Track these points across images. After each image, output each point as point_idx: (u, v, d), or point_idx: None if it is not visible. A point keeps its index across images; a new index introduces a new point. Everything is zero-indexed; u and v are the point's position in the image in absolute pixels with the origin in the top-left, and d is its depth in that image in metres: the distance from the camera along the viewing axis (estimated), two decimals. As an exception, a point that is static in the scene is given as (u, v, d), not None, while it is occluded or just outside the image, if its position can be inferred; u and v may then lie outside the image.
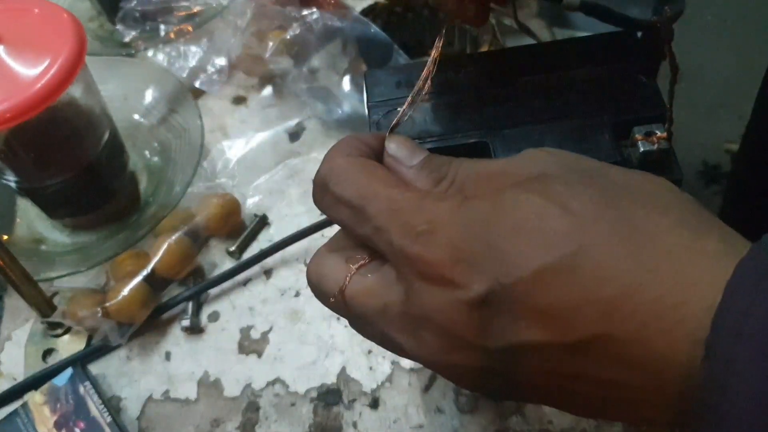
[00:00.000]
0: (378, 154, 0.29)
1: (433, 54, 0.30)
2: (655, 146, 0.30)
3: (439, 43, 0.31)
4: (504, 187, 0.24)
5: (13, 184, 0.48)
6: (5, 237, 0.52)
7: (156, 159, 0.56)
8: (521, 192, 0.23)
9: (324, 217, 0.51)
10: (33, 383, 0.45)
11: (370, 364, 0.45)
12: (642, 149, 0.30)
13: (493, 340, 0.23)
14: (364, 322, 0.27)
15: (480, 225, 0.23)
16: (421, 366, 0.44)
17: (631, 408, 0.22)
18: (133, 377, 0.46)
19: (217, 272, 0.49)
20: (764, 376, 0.18)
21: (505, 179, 0.25)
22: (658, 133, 0.30)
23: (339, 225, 0.28)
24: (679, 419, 0.21)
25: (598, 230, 0.21)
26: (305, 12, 0.55)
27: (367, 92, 0.35)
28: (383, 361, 0.45)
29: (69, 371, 0.44)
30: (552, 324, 0.21)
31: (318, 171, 0.29)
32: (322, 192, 0.28)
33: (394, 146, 0.29)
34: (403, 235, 0.24)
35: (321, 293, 0.28)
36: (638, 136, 0.30)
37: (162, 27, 0.62)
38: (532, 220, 0.22)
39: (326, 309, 0.48)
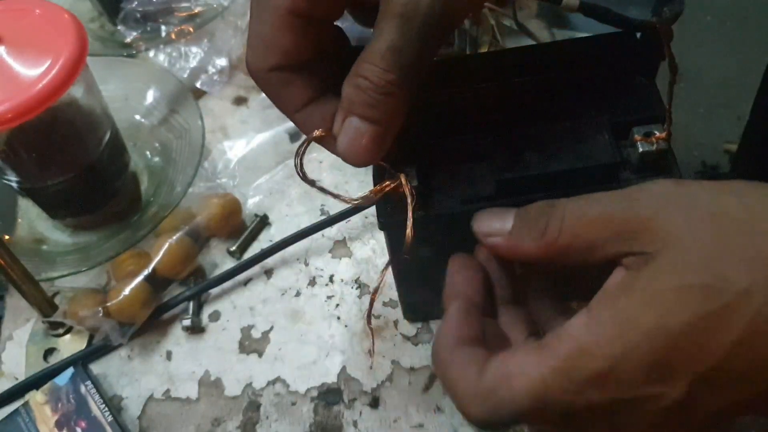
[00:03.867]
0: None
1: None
2: (654, 146, 0.30)
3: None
4: (643, 275, 0.23)
5: (14, 184, 0.48)
6: (7, 237, 0.52)
7: (157, 159, 0.56)
8: (670, 274, 0.23)
9: (324, 217, 0.51)
10: (34, 383, 0.45)
11: (370, 363, 0.45)
12: (641, 149, 0.30)
13: (702, 414, 0.23)
14: None
15: (654, 331, 0.22)
16: (420, 365, 0.44)
17: None
18: (134, 377, 0.46)
19: (217, 272, 0.50)
20: None
21: (623, 226, 0.24)
22: (657, 134, 0.30)
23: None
24: None
25: (755, 282, 0.22)
26: (306, 13, 0.55)
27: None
28: (383, 360, 0.45)
29: (70, 371, 0.44)
30: (758, 380, 0.22)
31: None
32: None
33: (483, 225, 0.28)
34: (595, 406, 0.23)
35: None
36: (637, 137, 0.30)
37: (163, 28, 0.62)
38: (700, 302, 0.22)
39: (326, 309, 0.48)
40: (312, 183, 0.30)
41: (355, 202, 0.31)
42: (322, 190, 0.31)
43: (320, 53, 0.29)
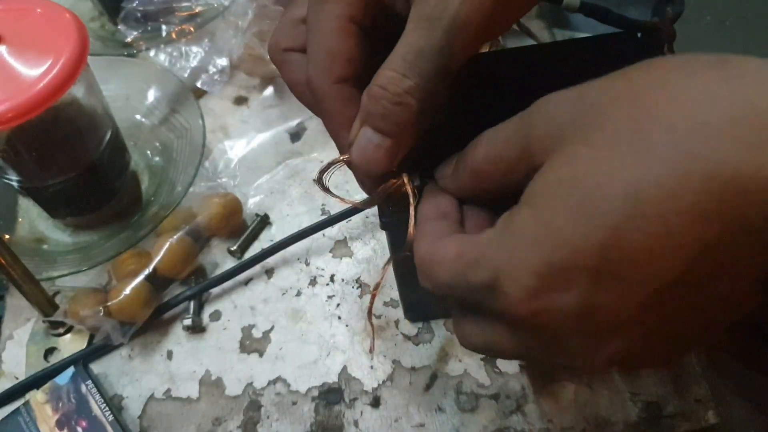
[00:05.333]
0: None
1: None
2: None
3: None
4: (544, 176, 0.22)
5: (15, 184, 0.48)
6: (7, 236, 0.52)
7: (158, 159, 0.56)
8: (577, 163, 0.21)
9: (325, 216, 0.51)
10: (35, 382, 0.45)
11: (371, 363, 0.45)
12: None
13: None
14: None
15: (535, 237, 0.21)
16: (421, 365, 0.44)
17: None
18: (135, 376, 0.46)
19: (218, 272, 0.50)
20: None
21: (524, 140, 0.24)
22: None
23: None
24: None
25: (663, 156, 0.19)
26: (306, 12, 0.55)
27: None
28: (384, 360, 0.45)
29: (71, 370, 0.44)
30: (708, 252, 0.20)
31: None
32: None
33: (437, 172, 0.29)
34: (485, 297, 0.23)
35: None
36: None
37: (163, 27, 0.62)
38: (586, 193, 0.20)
39: (327, 308, 0.48)
40: (332, 194, 0.31)
41: (361, 204, 0.31)
42: (336, 196, 0.31)
43: (376, 65, 0.28)
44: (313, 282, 0.49)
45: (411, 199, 0.29)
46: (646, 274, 0.20)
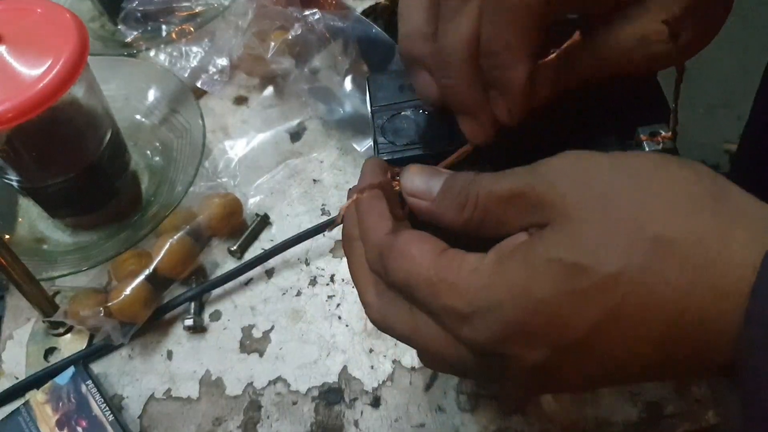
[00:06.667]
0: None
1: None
2: (660, 146, 0.30)
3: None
4: (533, 243, 0.24)
5: (15, 184, 0.48)
6: (7, 236, 0.52)
7: (158, 159, 0.56)
8: (549, 248, 0.23)
9: (325, 216, 0.51)
10: (35, 382, 0.45)
11: (371, 363, 0.45)
12: (647, 149, 0.30)
13: (568, 378, 0.25)
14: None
15: (521, 295, 0.23)
16: (421, 365, 0.44)
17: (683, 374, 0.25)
18: (135, 376, 0.46)
19: (218, 271, 0.50)
20: None
21: (525, 199, 0.25)
22: (663, 133, 0.30)
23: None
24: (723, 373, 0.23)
25: (631, 259, 0.22)
26: (306, 12, 0.55)
27: (370, 97, 0.35)
28: (384, 360, 0.45)
29: (71, 370, 0.44)
30: (620, 361, 0.23)
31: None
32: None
33: (409, 184, 0.28)
34: (450, 319, 0.25)
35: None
36: (643, 137, 0.30)
37: (163, 27, 0.62)
38: (568, 281, 0.23)
39: (327, 308, 0.48)
40: None
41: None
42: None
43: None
44: (313, 282, 0.49)
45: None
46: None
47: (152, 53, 0.61)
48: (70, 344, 0.47)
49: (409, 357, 0.45)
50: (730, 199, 0.23)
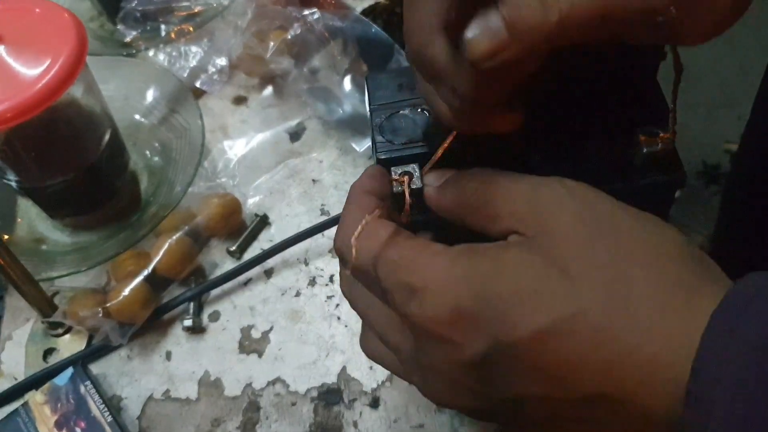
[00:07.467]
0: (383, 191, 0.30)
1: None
2: (659, 146, 0.30)
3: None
4: (508, 245, 0.25)
5: (13, 184, 0.48)
6: (6, 237, 0.52)
7: (157, 159, 0.56)
8: (523, 252, 0.24)
9: (324, 216, 0.51)
10: (34, 383, 0.45)
11: (370, 363, 0.45)
12: (646, 150, 0.30)
13: (497, 392, 0.24)
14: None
15: (480, 284, 0.24)
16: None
17: None
18: (134, 377, 0.46)
19: (217, 272, 0.50)
20: (740, 418, 0.19)
21: (522, 206, 0.25)
22: (662, 133, 0.30)
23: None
24: None
25: (595, 294, 0.23)
26: (306, 12, 0.55)
27: (368, 96, 0.35)
28: (383, 360, 0.45)
29: (70, 371, 0.44)
30: (552, 381, 0.23)
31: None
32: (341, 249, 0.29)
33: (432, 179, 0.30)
34: (400, 294, 0.25)
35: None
36: (642, 137, 0.30)
37: (163, 27, 0.62)
38: (532, 282, 0.23)
39: (326, 309, 0.48)
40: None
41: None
42: None
43: None
44: (312, 282, 0.49)
45: (407, 197, 0.30)
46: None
47: (151, 53, 0.61)
48: (69, 345, 0.47)
49: (409, 357, 0.45)
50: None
